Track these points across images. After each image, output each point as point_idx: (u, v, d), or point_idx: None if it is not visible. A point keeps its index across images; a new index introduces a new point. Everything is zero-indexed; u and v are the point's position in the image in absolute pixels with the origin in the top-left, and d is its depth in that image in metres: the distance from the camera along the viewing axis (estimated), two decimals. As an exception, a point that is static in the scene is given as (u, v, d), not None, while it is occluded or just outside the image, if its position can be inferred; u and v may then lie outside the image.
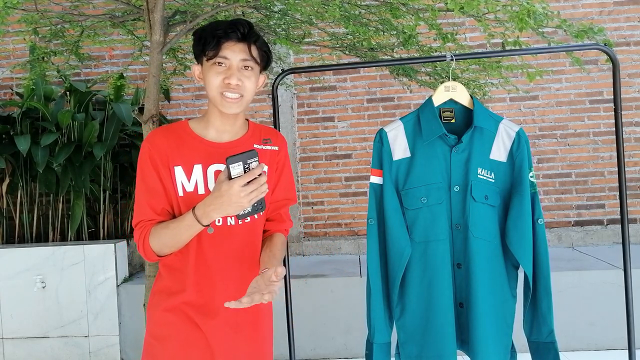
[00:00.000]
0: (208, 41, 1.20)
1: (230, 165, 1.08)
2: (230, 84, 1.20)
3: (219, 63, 1.21)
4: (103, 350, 3.17)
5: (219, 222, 1.26)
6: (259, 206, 1.15)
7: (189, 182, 1.24)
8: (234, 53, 1.20)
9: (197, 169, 1.25)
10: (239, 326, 1.30)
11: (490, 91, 2.66)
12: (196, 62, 1.28)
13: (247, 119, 1.37)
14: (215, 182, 1.20)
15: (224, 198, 1.10)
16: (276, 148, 1.36)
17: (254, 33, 1.23)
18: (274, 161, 1.35)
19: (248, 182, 1.09)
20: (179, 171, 1.25)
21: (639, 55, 3.95)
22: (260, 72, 1.28)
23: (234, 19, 1.23)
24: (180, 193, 1.24)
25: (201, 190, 1.24)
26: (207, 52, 1.21)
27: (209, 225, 1.18)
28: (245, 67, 1.22)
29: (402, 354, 1.62)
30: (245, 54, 1.21)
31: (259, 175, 1.10)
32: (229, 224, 1.27)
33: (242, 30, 1.20)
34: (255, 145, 1.31)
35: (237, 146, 1.28)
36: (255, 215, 1.25)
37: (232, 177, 1.09)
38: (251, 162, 1.10)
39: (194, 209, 1.17)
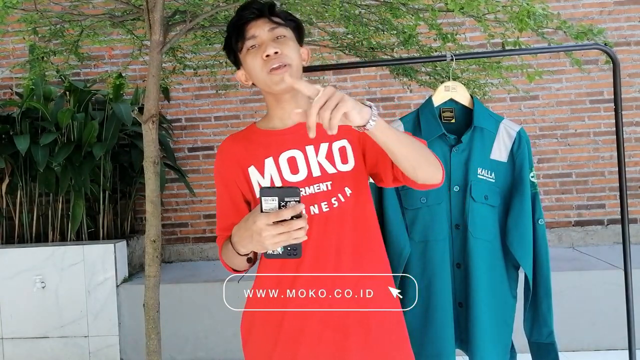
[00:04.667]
0: (233, 35, 1.17)
1: (263, 198, 0.95)
2: (270, 56, 1.12)
3: (252, 46, 1.15)
4: (103, 350, 3.17)
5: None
6: (292, 251, 0.99)
7: (263, 178, 1.19)
8: (259, 28, 1.15)
9: (269, 162, 1.19)
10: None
11: (490, 91, 2.66)
12: (237, 68, 1.23)
13: None
14: (282, 175, 1.17)
15: (248, 232, 0.99)
16: None
17: (270, 6, 1.18)
18: (354, 132, 1.13)
19: (278, 222, 0.94)
20: (252, 171, 1.20)
21: (639, 55, 3.95)
22: (300, 45, 1.20)
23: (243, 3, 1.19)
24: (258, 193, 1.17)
25: (277, 183, 1.18)
26: (238, 45, 1.17)
27: (250, 256, 1.10)
28: (277, 37, 1.15)
29: (401, 354, 1.63)
30: (271, 24, 1.15)
31: (295, 217, 0.94)
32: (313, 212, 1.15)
33: (256, 7, 1.16)
34: None
35: (304, 127, 1.17)
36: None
37: (264, 210, 0.95)
38: (289, 201, 0.95)
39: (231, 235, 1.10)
